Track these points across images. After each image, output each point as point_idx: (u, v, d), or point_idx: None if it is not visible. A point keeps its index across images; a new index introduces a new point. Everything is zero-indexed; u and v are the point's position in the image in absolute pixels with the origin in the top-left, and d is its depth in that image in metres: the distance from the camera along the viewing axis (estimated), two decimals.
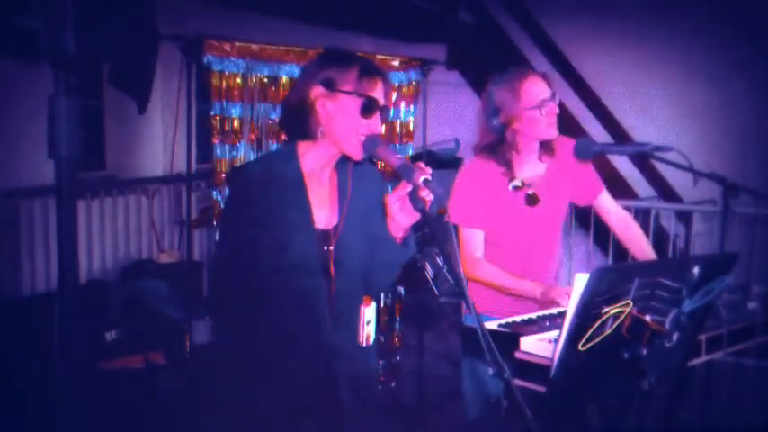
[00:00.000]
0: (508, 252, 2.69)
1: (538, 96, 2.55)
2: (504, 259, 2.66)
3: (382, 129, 1.92)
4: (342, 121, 1.88)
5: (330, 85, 1.88)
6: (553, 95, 2.58)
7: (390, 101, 1.97)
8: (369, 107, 1.87)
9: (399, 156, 1.82)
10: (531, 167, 2.70)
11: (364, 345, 2.02)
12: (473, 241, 2.66)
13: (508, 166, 2.64)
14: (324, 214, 1.96)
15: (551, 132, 2.60)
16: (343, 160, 1.98)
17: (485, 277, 2.64)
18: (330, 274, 1.94)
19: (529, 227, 2.69)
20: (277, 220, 1.90)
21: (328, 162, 1.97)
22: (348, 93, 1.87)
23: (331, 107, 1.89)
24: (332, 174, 2.00)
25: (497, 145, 2.64)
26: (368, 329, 2.02)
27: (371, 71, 1.91)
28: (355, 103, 1.87)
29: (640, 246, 2.83)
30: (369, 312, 2.02)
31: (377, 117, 1.90)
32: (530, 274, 2.63)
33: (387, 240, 1.89)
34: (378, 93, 1.90)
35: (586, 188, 2.83)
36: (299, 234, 1.91)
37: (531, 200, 2.67)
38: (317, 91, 1.89)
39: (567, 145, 2.71)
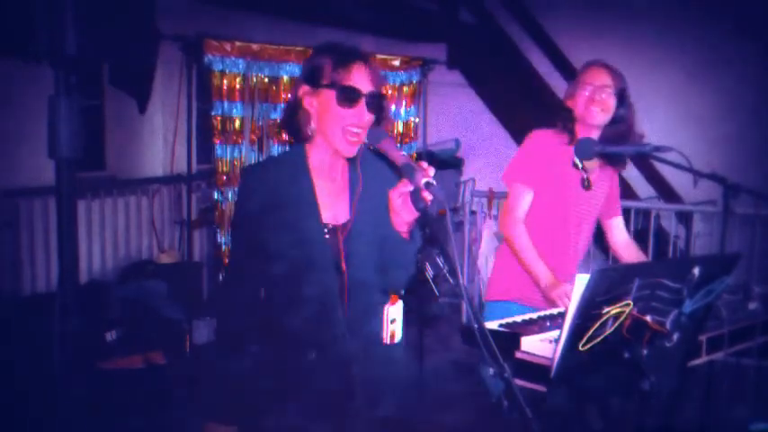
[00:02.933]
0: (549, 232, 2.75)
1: (591, 79, 2.71)
2: (543, 238, 2.72)
3: (368, 116, 1.85)
4: (326, 116, 1.86)
5: (312, 81, 1.87)
6: (611, 87, 2.69)
7: (378, 85, 1.89)
8: (344, 96, 1.83)
9: (403, 153, 1.79)
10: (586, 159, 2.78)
11: (388, 343, 2.01)
12: (520, 199, 2.74)
13: (570, 133, 2.73)
14: (335, 210, 1.95)
15: (588, 114, 2.69)
16: (354, 155, 1.96)
17: (514, 236, 2.71)
18: (342, 269, 1.93)
19: (574, 211, 2.77)
20: (285, 218, 1.89)
21: (335, 158, 1.96)
22: (327, 86, 1.85)
23: (316, 104, 1.87)
24: (343, 169, 1.99)
25: (561, 115, 2.76)
26: (392, 328, 2.01)
27: (346, 58, 1.85)
28: (333, 95, 1.84)
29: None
30: (393, 311, 2.01)
31: (361, 105, 1.84)
32: (555, 260, 2.69)
33: (395, 236, 1.87)
34: (356, 79, 1.84)
35: (611, 204, 2.95)
36: (307, 231, 1.90)
37: (586, 183, 2.76)
38: (303, 89, 1.89)
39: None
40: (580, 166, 2.73)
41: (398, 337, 2.04)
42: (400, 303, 2.04)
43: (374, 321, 1.99)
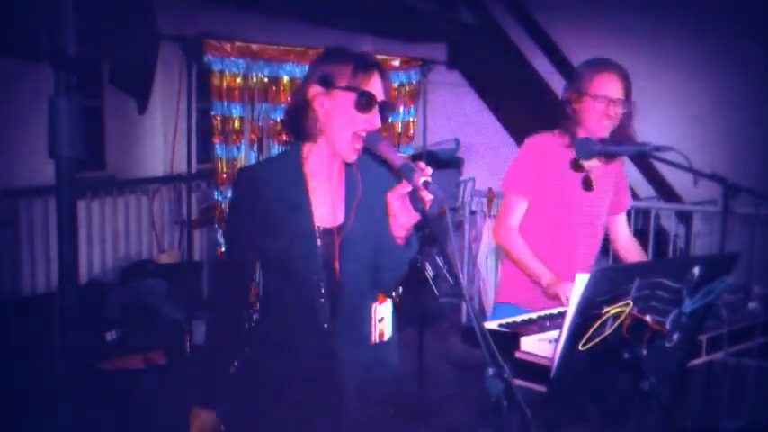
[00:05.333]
0: (555, 236, 2.71)
1: (604, 90, 2.61)
2: (550, 243, 2.69)
3: (380, 124, 1.89)
4: (339, 118, 1.87)
5: (326, 83, 1.88)
6: (623, 100, 2.63)
7: (391, 97, 1.94)
8: (364, 101, 1.85)
9: (401, 154, 1.80)
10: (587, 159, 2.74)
11: (377, 342, 2.01)
12: (514, 208, 2.71)
13: (572, 136, 2.68)
14: (330, 212, 1.96)
15: (598, 128, 2.64)
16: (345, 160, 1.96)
17: (508, 244, 2.70)
18: (335, 271, 1.93)
19: (579, 212, 2.73)
20: (278, 220, 1.90)
21: (333, 160, 1.96)
22: (343, 89, 1.86)
23: (328, 105, 1.88)
24: (340, 171, 1.99)
25: (563, 117, 2.71)
26: (381, 327, 2.02)
27: (367, 65, 1.88)
28: (351, 99, 1.85)
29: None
30: (381, 310, 2.02)
31: (375, 112, 1.88)
32: (574, 264, 2.66)
33: (391, 241, 1.88)
34: (374, 87, 1.88)
35: (620, 199, 2.91)
36: (299, 233, 1.91)
37: (587, 183, 2.72)
38: (314, 90, 1.89)
39: (619, 159, 2.84)
40: (581, 166, 2.71)
41: (388, 335, 2.05)
42: (389, 302, 2.05)
43: (362, 321, 2.00)
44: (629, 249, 2.92)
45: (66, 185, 1.42)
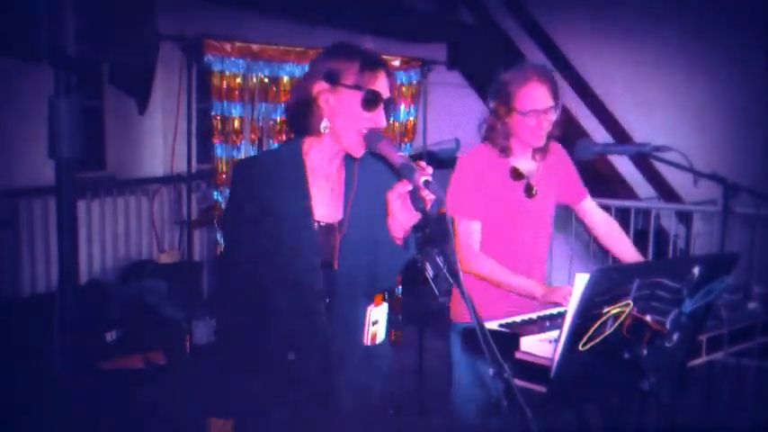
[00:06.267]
0: (504, 248, 2.64)
1: (532, 104, 2.52)
2: (498, 256, 2.62)
3: (385, 123, 1.90)
4: (344, 116, 1.87)
5: (332, 80, 1.87)
6: (553, 106, 2.56)
7: (394, 94, 1.94)
8: (371, 100, 1.85)
9: (401, 153, 1.80)
10: (524, 162, 2.69)
11: (369, 344, 2.01)
12: (471, 233, 2.61)
13: (504, 150, 2.61)
14: (329, 209, 1.95)
15: (534, 141, 2.59)
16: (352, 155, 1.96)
17: (484, 271, 2.58)
18: (333, 268, 1.93)
19: (525, 221, 2.66)
20: (277, 214, 1.89)
21: (334, 157, 1.96)
22: (350, 86, 1.86)
23: (333, 101, 1.88)
24: (339, 168, 1.99)
25: (493, 130, 2.62)
26: (374, 329, 2.01)
27: (374, 63, 1.88)
28: (357, 97, 1.85)
29: (622, 246, 2.83)
30: (377, 312, 2.01)
31: (380, 110, 1.88)
32: (523, 273, 2.60)
33: (388, 241, 1.88)
34: (380, 85, 1.88)
35: (572, 190, 2.84)
36: (298, 228, 1.90)
37: (529, 190, 2.65)
38: (319, 86, 1.89)
39: (555, 147, 2.74)
40: (521, 174, 2.64)
41: (380, 338, 2.05)
42: (384, 306, 2.04)
43: (357, 321, 2.00)
44: (609, 233, 2.84)
45: (67, 185, 1.42)
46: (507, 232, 2.65)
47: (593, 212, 2.88)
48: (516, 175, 2.64)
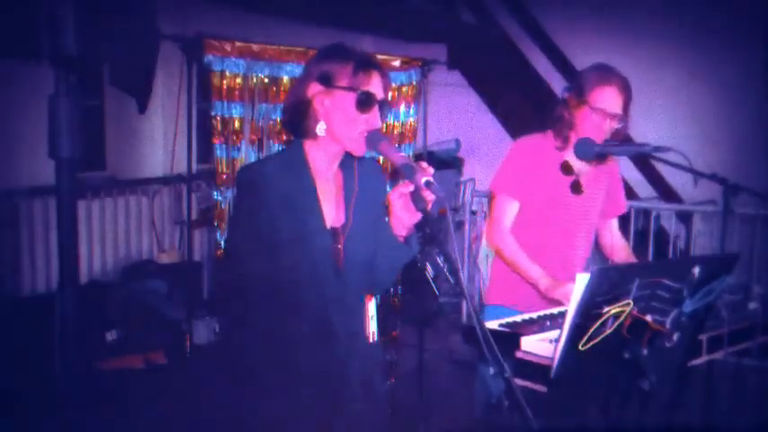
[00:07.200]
0: (544, 238, 2.69)
1: (604, 104, 2.59)
2: (529, 246, 2.65)
3: (380, 123, 1.89)
4: (340, 118, 1.87)
5: (326, 82, 1.87)
6: (621, 116, 2.61)
7: (388, 94, 1.94)
8: (364, 101, 1.85)
9: (402, 154, 1.80)
10: (576, 160, 2.70)
11: (371, 341, 2.02)
12: (504, 210, 2.68)
13: (565, 140, 2.66)
14: (331, 212, 1.95)
15: (597, 139, 2.62)
16: (348, 157, 1.97)
17: (503, 247, 2.66)
18: (339, 271, 1.93)
19: (568, 215, 2.70)
20: (287, 219, 1.88)
21: (332, 159, 1.96)
22: (344, 88, 1.85)
23: (328, 104, 1.88)
24: (336, 171, 1.99)
25: (558, 119, 2.67)
26: (372, 325, 2.03)
27: (367, 64, 1.88)
28: (352, 98, 1.85)
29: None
30: (371, 308, 2.03)
31: (375, 111, 1.88)
32: (549, 269, 2.62)
33: (390, 239, 1.88)
34: (374, 86, 1.87)
35: (614, 204, 2.88)
36: (310, 233, 1.89)
37: (576, 187, 2.69)
38: (314, 88, 1.88)
39: (612, 161, 2.81)
40: (571, 170, 2.68)
41: (375, 335, 2.06)
42: (374, 300, 2.05)
43: (361, 320, 2.00)
44: (618, 254, 2.89)
45: (66, 185, 1.42)
46: (547, 223, 2.69)
47: (614, 233, 2.93)
48: (566, 169, 2.68)
